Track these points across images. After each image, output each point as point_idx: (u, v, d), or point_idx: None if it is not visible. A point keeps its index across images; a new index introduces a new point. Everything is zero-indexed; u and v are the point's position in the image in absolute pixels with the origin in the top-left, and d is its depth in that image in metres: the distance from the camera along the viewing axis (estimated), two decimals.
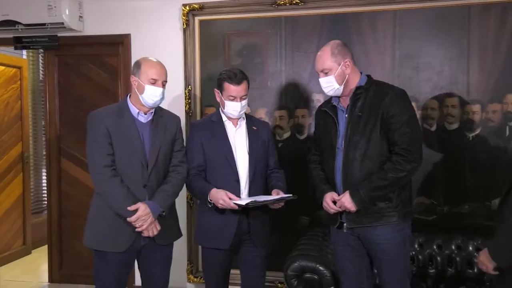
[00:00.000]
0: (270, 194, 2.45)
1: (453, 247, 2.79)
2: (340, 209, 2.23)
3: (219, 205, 2.33)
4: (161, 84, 2.36)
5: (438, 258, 2.78)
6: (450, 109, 2.97)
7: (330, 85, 2.26)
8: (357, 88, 2.24)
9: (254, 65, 3.22)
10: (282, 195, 2.40)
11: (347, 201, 2.18)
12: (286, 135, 3.26)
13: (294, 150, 3.23)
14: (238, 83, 2.41)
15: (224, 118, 2.52)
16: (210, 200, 2.37)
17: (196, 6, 3.28)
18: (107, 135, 2.30)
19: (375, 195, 2.15)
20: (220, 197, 2.32)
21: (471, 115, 2.93)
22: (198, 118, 3.37)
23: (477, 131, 2.94)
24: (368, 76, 2.31)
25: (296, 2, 3.12)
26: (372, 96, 2.22)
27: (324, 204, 2.27)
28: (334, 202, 2.24)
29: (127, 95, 2.45)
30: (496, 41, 2.88)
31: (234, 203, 2.29)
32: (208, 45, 3.33)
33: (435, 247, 2.81)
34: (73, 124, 3.71)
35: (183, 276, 3.45)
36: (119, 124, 2.33)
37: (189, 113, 3.37)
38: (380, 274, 2.30)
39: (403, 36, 3.02)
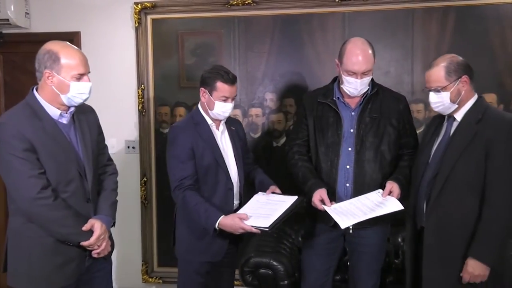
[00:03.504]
0: (255, 189, 2.40)
1: None
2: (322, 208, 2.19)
3: (237, 233, 2.16)
4: (88, 78, 1.96)
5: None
6: None
7: (366, 87, 2.27)
8: (374, 90, 2.31)
9: (208, 65, 3.22)
10: (288, 201, 2.24)
11: (397, 188, 2.19)
12: None
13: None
14: (232, 83, 2.25)
15: (208, 120, 2.32)
16: (217, 228, 2.17)
17: (148, 4, 3.25)
18: (32, 149, 1.82)
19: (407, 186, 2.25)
20: (237, 225, 2.11)
21: (415, 114, 3.07)
22: (152, 117, 3.35)
23: (421, 129, 3.08)
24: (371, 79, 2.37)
25: (249, 3, 3.16)
26: (387, 100, 2.32)
27: (313, 204, 2.23)
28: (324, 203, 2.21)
29: (32, 91, 1.94)
30: (437, 43, 3.03)
31: (256, 228, 2.10)
32: (161, 44, 3.31)
33: (399, 240, 2.92)
34: None
35: (138, 277, 3.42)
36: (41, 131, 1.86)
37: (142, 112, 3.34)
38: (356, 268, 2.41)
39: (352, 38, 3.11)
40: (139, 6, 3.27)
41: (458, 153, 2.01)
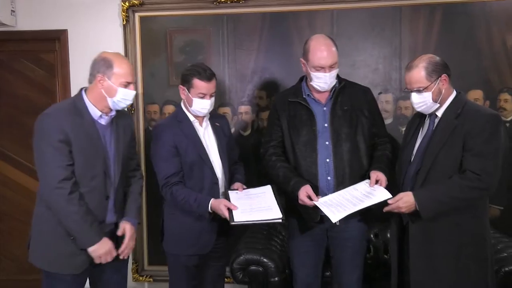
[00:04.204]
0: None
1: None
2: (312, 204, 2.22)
3: (223, 216, 2.23)
4: (133, 87, 2.17)
5: None
6: (385, 104, 3.13)
7: (334, 80, 2.32)
8: (342, 84, 2.36)
9: (204, 64, 3.21)
10: (268, 191, 2.36)
11: (383, 176, 2.25)
12: None
13: (238, 146, 3.25)
14: (209, 79, 2.30)
15: (191, 117, 2.38)
16: (210, 211, 2.26)
17: (136, 2, 3.23)
18: (67, 141, 2.01)
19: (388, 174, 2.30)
20: (221, 210, 2.21)
21: (403, 110, 3.11)
22: (141, 115, 3.34)
23: None
24: None
25: (237, 0, 3.15)
26: (356, 92, 2.39)
27: (300, 201, 2.25)
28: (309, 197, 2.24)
29: (81, 91, 2.16)
30: (425, 40, 3.06)
31: (270, 220, 2.20)
32: (150, 42, 3.29)
33: (388, 235, 2.95)
34: (7, 123, 3.54)
35: (128, 275, 3.39)
36: (80, 127, 2.05)
37: (130, 111, 3.32)
38: (341, 263, 2.44)
39: (340, 35, 3.13)
40: (127, 4, 3.24)
41: (438, 148, 2.07)
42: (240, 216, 2.20)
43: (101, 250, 2.09)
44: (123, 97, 2.12)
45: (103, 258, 2.12)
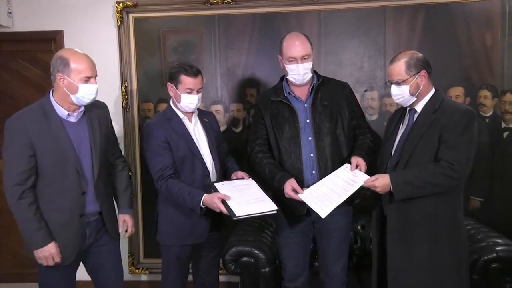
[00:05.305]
0: (229, 177, 2.54)
1: None
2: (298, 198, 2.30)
3: (217, 210, 2.27)
4: (95, 80, 2.18)
5: None
6: (370, 102, 3.25)
7: (309, 72, 2.41)
8: (320, 80, 2.46)
9: (190, 62, 3.32)
10: (252, 183, 2.45)
11: (362, 161, 2.34)
12: (223, 128, 3.39)
13: (231, 142, 3.34)
14: (195, 75, 2.41)
15: (180, 114, 2.48)
16: (203, 206, 2.32)
17: (130, 3, 3.32)
18: (29, 146, 2.08)
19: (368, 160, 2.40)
20: (215, 204, 2.25)
21: (388, 107, 3.23)
22: (136, 113, 3.43)
23: None
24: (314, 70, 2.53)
25: (228, 2, 3.25)
26: (334, 87, 2.48)
27: (286, 195, 2.33)
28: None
29: (49, 93, 2.21)
30: (408, 40, 3.18)
31: (266, 212, 2.26)
32: (144, 42, 3.38)
33: None
34: (4, 122, 3.60)
35: (125, 268, 3.47)
36: (46, 129, 2.11)
37: (126, 109, 3.42)
38: (327, 253, 2.53)
39: (328, 35, 3.25)
40: (121, 5, 3.33)
41: (416, 141, 2.18)
42: (240, 210, 2.23)
43: (44, 253, 2.15)
44: (86, 92, 2.14)
45: (43, 261, 2.18)
